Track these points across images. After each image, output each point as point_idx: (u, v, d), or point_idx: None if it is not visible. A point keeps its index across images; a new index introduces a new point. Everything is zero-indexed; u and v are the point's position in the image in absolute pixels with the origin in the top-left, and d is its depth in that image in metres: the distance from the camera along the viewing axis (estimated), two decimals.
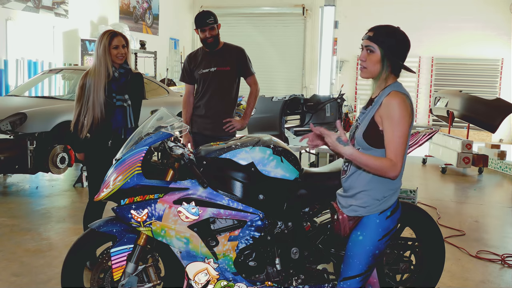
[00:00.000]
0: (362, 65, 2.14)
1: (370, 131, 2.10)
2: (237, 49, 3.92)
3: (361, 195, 2.14)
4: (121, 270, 2.43)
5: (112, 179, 2.36)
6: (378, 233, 2.14)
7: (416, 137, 2.80)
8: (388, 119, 2.05)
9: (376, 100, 2.13)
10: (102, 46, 3.27)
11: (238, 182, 2.45)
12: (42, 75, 7.52)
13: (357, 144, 2.14)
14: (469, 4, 12.27)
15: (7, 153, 5.41)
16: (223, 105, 3.87)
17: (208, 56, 3.84)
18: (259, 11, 13.96)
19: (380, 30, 2.12)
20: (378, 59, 2.10)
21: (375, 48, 2.09)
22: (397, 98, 2.07)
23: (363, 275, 2.16)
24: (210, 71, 3.82)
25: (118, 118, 3.32)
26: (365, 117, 2.14)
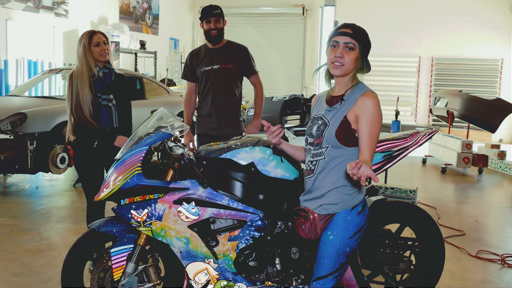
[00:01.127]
0: (339, 62, 2.10)
1: (342, 129, 2.10)
2: (240, 47, 3.87)
3: (331, 193, 2.13)
4: (121, 270, 2.43)
5: (112, 179, 2.36)
6: (349, 230, 2.13)
7: (416, 137, 2.80)
8: (365, 118, 2.06)
9: (347, 98, 2.12)
10: (82, 46, 3.23)
11: (238, 182, 2.45)
12: (42, 75, 7.52)
13: (326, 143, 2.13)
14: (469, 4, 12.27)
15: (7, 153, 5.41)
16: (227, 103, 3.80)
17: (211, 53, 3.78)
18: (259, 11, 13.96)
19: (356, 28, 2.12)
20: (357, 56, 2.10)
21: (355, 45, 2.09)
22: (373, 98, 2.08)
23: (336, 273, 2.16)
24: (213, 69, 3.76)
25: (104, 117, 3.30)
26: (336, 115, 2.12)
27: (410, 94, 13.14)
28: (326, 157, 2.13)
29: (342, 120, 2.09)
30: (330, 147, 2.11)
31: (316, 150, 2.17)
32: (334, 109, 2.15)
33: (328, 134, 2.11)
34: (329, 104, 2.18)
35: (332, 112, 2.15)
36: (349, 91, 2.13)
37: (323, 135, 2.13)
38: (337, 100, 2.16)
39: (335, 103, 2.16)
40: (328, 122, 2.13)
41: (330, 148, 2.11)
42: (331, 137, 2.10)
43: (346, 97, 2.13)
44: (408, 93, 13.12)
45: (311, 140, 2.21)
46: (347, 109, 2.10)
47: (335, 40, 2.10)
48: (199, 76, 3.82)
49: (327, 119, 2.15)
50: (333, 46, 2.11)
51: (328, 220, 2.13)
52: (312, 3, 13.60)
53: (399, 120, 10.91)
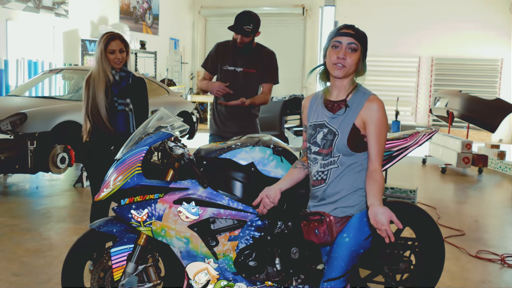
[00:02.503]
0: (342, 63, 2.04)
1: (352, 137, 2.06)
2: (268, 53, 3.73)
3: (347, 197, 2.10)
4: (121, 270, 2.43)
5: (112, 179, 2.36)
6: (364, 232, 2.11)
7: (416, 137, 2.80)
8: (373, 124, 2.04)
9: (351, 104, 2.07)
10: (99, 50, 3.24)
11: (238, 182, 2.46)
12: (42, 75, 7.52)
13: (337, 152, 2.07)
14: (469, 4, 12.27)
15: (7, 153, 5.41)
16: (247, 108, 3.67)
17: (238, 53, 3.62)
18: (259, 11, 13.76)
19: (359, 30, 2.09)
20: (358, 58, 2.06)
21: (358, 46, 2.05)
22: (379, 102, 2.07)
23: (347, 275, 2.14)
24: (236, 71, 3.62)
25: (120, 122, 3.31)
26: (343, 124, 2.07)
27: (410, 94, 13.14)
28: (339, 165, 2.09)
29: (351, 128, 2.06)
30: (341, 155, 2.08)
31: (326, 159, 2.11)
32: (339, 116, 2.08)
33: (339, 143, 2.06)
34: (331, 111, 2.12)
35: (337, 120, 2.09)
36: (351, 96, 2.09)
37: (333, 145, 2.08)
38: (340, 106, 2.10)
39: (338, 109, 2.10)
40: (336, 131, 2.07)
41: (341, 156, 2.08)
42: (343, 146, 2.06)
43: (350, 103, 2.08)
44: (408, 93, 13.12)
45: (316, 149, 2.13)
46: (354, 115, 2.06)
47: (337, 40, 2.05)
48: (221, 73, 3.67)
49: (334, 128, 2.08)
50: (335, 46, 2.05)
51: (345, 222, 2.11)
52: (312, 3, 13.61)
53: (399, 120, 10.92)
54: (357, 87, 2.11)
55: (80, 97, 6.37)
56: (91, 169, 3.44)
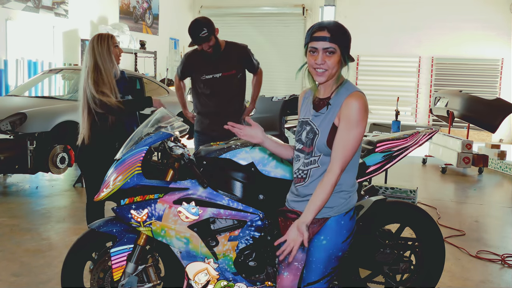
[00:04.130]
0: (322, 68, 1.96)
1: (332, 137, 1.97)
2: (240, 48, 3.76)
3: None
4: (121, 270, 2.43)
5: (112, 179, 2.36)
6: (342, 235, 2.04)
7: (416, 137, 2.80)
8: (346, 120, 1.94)
9: (333, 102, 2.00)
10: (106, 46, 3.26)
11: (238, 182, 2.45)
12: (42, 75, 7.52)
13: (317, 151, 2.01)
14: (469, 4, 12.27)
15: (7, 153, 5.41)
16: (231, 106, 3.75)
17: (211, 59, 3.64)
18: (259, 11, 13.96)
19: (334, 28, 1.98)
20: (338, 59, 1.97)
21: (336, 48, 1.96)
22: (358, 98, 1.95)
23: (327, 277, 2.07)
24: (215, 77, 3.65)
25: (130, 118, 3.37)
26: (324, 123, 2.00)
27: (410, 94, 13.14)
28: (319, 165, 2.02)
29: (330, 128, 1.98)
30: (322, 155, 2.01)
31: (307, 158, 2.05)
32: (321, 114, 2.02)
33: (318, 143, 2.00)
34: (315, 108, 2.06)
35: (319, 118, 2.03)
36: (335, 93, 2.01)
37: (313, 144, 2.01)
38: (324, 104, 2.03)
39: (322, 107, 2.03)
40: (317, 130, 2.01)
41: (322, 156, 2.01)
42: (322, 146, 1.99)
43: (332, 101, 2.00)
44: (408, 93, 13.12)
45: (300, 146, 2.09)
46: (334, 114, 1.98)
47: (313, 46, 1.96)
48: (200, 83, 3.71)
49: (315, 127, 2.02)
50: (312, 52, 1.97)
51: (322, 224, 2.03)
52: (312, 3, 13.60)
53: (399, 120, 10.86)
54: (343, 84, 2.03)
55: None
56: (90, 170, 3.40)
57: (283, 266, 2.13)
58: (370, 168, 2.69)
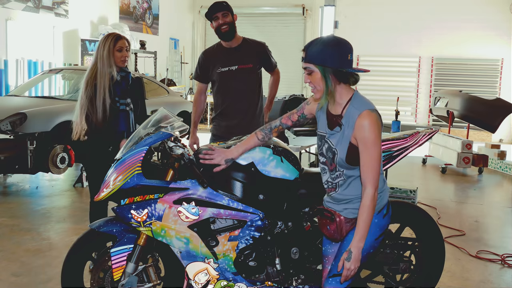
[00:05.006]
0: (311, 86, 2.08)
1: (350, 154, 2.08)
2: (258, 44, 3.67)
3: (357, 201, 2.14)
4: (121, 270, 2.43)
5: (112, 179, 2.36)
6: (375, 233, 2.15)
7: (416, 137, 2.79)
8: (363, 142, 2.02)
9: (345, 122, 2.08)
10: (107, 48, 3.28)
11: (238, 182, 2.45)
12: (42, 75, 7.52)
13: (340, 168, 2.13)
14: (469, 4, 12.27)
15: (7, 153, 5.41)
16: (250, 105, 3.59)
17: (227, 53, 3.53)
18: (259, 11, 13.96)
19: (309, 47, 2.05)
20: (319, 76, 2.03)
21: (312, 67, 2.03)
22: (369, 119, 2.01)
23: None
24: (231, 70, 3.52)
25: (121, 121, 3.34)
26: (340, 142, 2.10)
27: (410, 94, 13.14)
28: (345, 178, 2.15)
29: (348, 147, 2.07)
30: (345, 169, 2.13)
31: (333, 174, 2.18)
32: (336, 133, 2.12)
33: (339, 161, 2.11)
34: (329, 126, 2.15)
35: (335, 137, 2.12)
36: (345, 111, 2.08)
37: (334, 162, 2.14)
38: (336, 122, 2.12)
39: (335, 125, 2.12)
40: (335, 149, 2.12)
41: (345, 170, 2.13)
42: (343, 163, 2.11)
43: (344, 121, 2.08)
44: (408, 93, 13.12)
45: (323, 160, 2.22)
46: (348, 135, 2.07)
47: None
48: (215, 77, 3.59)
49: (333, 146, 2.13)
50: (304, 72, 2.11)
51: (355, 222, 2.12)
52: (312, 3, 13.60)
53: (399, 120, 10.86)
54: (351, 100, 2.08)
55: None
56: (90, 169, 3.45)
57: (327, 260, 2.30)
58: None
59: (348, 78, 2.05)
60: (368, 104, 2.07)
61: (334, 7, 10.81)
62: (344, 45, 2.03)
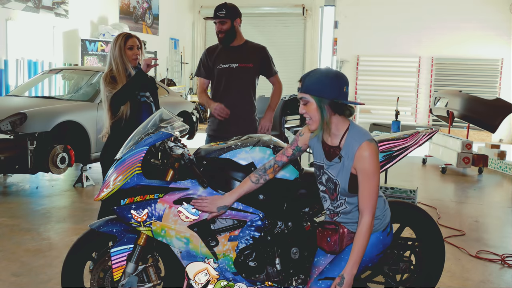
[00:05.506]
0: (306, 117, 2.10)
1: (352, 183, 2.11)
2: (259, 47, 3.73)
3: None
4: (121, 270, 2.43)
5: (112, 179, 2.36)
6: (378, 249, 2.21)
7: (416, 137, 2.79)
8: (364, 172, 2.06)
9: (344, 154, 2.10)
10: (118, 47, 3.39)
11: (238, 182, 2.45)
12: (42, 75, 7.52)
13: (342, 197, 2.17)
14: (469, 4, 12.28)
15: (7, 153, 5.41)
16: (244, 105, 3.64)
17: (229, 51, 3.60)
18: (259, 11, 13.97)
19: (306, 77, 2.07)
20: (315, 107, 2.05)
21: (308, 97, 2.06)
22: (369, 150, 2.05)
23: None
24: (231, 67, 3.57)
25: (144, 113, 3.38)
26: (341, 173, 2.12)
27: (410, 94, 13.14)
28: (347, 206, 2.19)
29: (349, 177, 2.11)
30: (347, 197, 2.17)
31: (334, 203, 2.22)
32: (335, 164, 2.14)
33: (341, 191, 2.15)
34: (327, 156, 2.17)
35: (335, 169, 2.15)
36: (344, 142, 2.11)
37: (336, 192, 2.17)
38: (334, 153, 2.14)
39: (333, 157, 2.14)
40: (336, 181, 2.15)
41: (347, 198, 2.17)
42: (345, 193, 2.14)
43: (343, 152, 2.11)
44: (408, 93, 13.12)
45: (323, 188, 2.25)
46: (349, 166, 2.10)
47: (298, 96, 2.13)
48: (216, 74, 3.63)
49: (334, 177, 2.15)
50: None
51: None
52: (312, 3, 13.61)
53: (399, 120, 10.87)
54: (349, 130, 2.11)
55: (80, 97, 6.42)
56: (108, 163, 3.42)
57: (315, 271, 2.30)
58: None
59: (344, 110, 2.08)
60: (366, 135, 2.10)
61: (334, 7, 10.81)
62: (341, 78, 2.07)
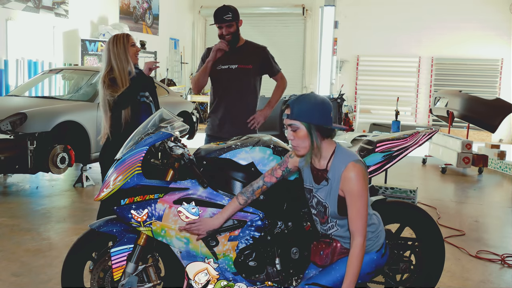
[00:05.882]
0: (293, 144, 2.09)
1: (341, 206, 2.12)
2: (259, 48, 3.73)
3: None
4: (121, 270, 2.43)
5: (112, 179, 2.36)
6: (371, 268, 2.22)
7: (416, 137, 2.80)
8: (351, 194, 2.06)
9: (331, 176, 2.11)
10: (122, 44, 3.35)
11: (238, 182, 2.45)
12: (42, 75, 7.52)
13: (332, 220, 2.18)
14: (469, 4, 12.28)
15: (7, 153, 5.41)
16: (244, 107, 3.63)
17: (229, 51, 3.59)
18: (259, 11, 13.97)
19: (294, 104, 2.07)
20: (305, 133, 2.06)
21: (298, 124, 2.06)
22: (354, 171, 2.05)
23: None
24: (231, 68, 3.58)
25: (143, 114, 3.37)
26: (329, 196, 2.13)
27: (410, 94, 13.14)
28: (338, 228, 2.20)
29: (337, 199, 2.12)
30: (337, 220, 2.18)
31: (325, 226, 2.24)
32: (323, 187, 2.16)
33: (331, 213, 2.16)
34: (316, 180, 2.19)
35: (323, 191, 2.16)
36: (330, 165, 2.11)
37: (326, 214, 2.18)
38: (322, 176, 2.15)
39: (321, 180, 2.16)
40: (326, 204, 2.16)
41: (338, 220, 2.18)
42: (335, 215, 2.15)
43: (330, 175, 2.12)
44: (408, 93, 13.13)
45: (314, 211, 2.27)
46: (336, 188, 2.11)
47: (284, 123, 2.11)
48: (215, 74, 3.64)
49: (323, 200, 2.17)
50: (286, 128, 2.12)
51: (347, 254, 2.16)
52: (312, 3, 13.61)
53: (399, 120, 10.92)
54: (335, 153, 2.12)
55: (80, 97, 6.41)
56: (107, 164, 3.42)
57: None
58: (370, 168, 2.70)
59: (332, 134, 2.12)
60: (352, 156, 2.11)
61: (334, 7, 10.81)
62: (328, 104, 2.10)
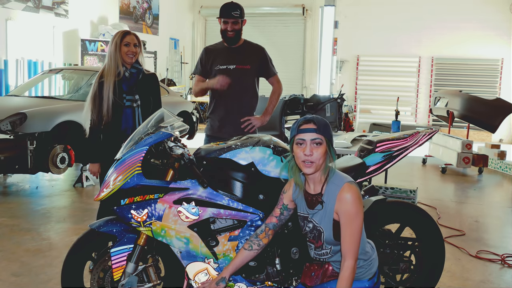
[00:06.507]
0: (310, 160, 2.04)
1: (336, 230, 2.10)
2: (258, 48, 3.73)
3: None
4: (121, 270, 2.43)
5: (112, 179, 2.36)
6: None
7: (416, 137, 2.80)
8: (346, 215, 2.03)
9: (326, 199, 2.09)
10: (114, 43, 3.29)
11: (238, 182, 2.45)
12: (42, 75, 7.52)
13: (327, 245, 2.16)
14: (469, 4, 12.28)
15: (7, 153, 5.41)
16: (242, 107, 3.64)
17: (227, 52, 3.61)
18: (259, 11, 13.96)
19: (320, 121, 2.06)
20: (325, 150, 2.05)
21: (322, 139, 2.04)
22: (350, 191, 2.04)
23: None
24: (229, 68, 3.59)
25: (124, 118, 3.31)
26: (324, 219, 2.11)
27: (410, 94, 13.14)
28: (332, 254, 2.18)
29: (332, 223, 2.10)
30: (332, 246, 2.15)
31: (319, 251, 2.21)
32: (318, 211, 2.14)
33: (327, 239, 2.13)
34: (310, 206, 2.17)
35: (318, 215, 2.14)
36: (325, 188, 2.10)
37: (321, 239, 2.15)
38: (317, 200, 2.13)
39: (316, 204, 2.14)
40: (320, 228, 2.14)
41: (332, 246, 2.16)
42: (331, 240, 2.13)
43: (325, 198, 2.10)
44: (408, 93, 13.12)
45: (309, 237, 2.24)
46: (331, 211, 2.09)
47: (300, 138, 2.05)
48: (213, 74, 3.64)
49: (317, 225, 2.15)
50: (299, 144, 2.06)
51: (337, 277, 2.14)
52: (312, 3, 13.60)
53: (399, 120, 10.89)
54: (330, 176, 2.11)
55: (80, 97, 6.41)
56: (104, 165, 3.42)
57: None
58: (370, 168, 2.70)
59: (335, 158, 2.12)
60: (347, 177, 2.11)
61: (334, 7, 10.81)
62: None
